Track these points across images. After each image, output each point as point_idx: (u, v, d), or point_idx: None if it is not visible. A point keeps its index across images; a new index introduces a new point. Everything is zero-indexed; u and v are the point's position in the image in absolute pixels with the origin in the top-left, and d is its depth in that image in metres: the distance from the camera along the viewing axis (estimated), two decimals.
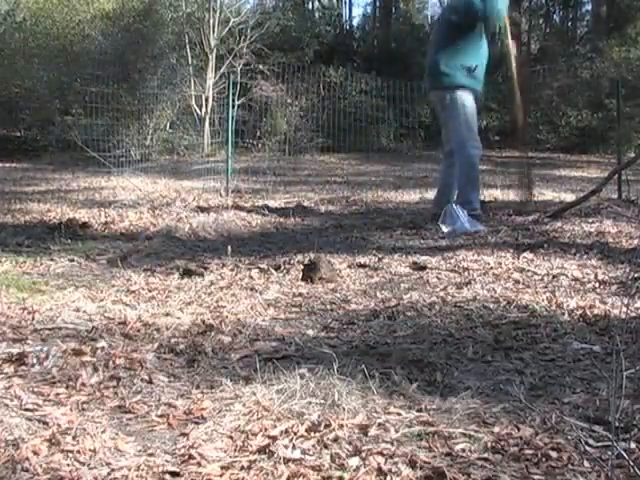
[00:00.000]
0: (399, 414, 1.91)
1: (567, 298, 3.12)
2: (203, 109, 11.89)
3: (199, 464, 1.65)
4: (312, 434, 1.78)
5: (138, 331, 2.64)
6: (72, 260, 3.96)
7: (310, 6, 20.41)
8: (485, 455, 1.69)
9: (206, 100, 11.96)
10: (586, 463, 1.66)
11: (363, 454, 1.68)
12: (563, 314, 2.89)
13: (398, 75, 11.06)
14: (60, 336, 2.57)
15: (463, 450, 1.72)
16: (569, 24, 19.21)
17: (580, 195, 5.80)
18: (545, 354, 2.44)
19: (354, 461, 1.65)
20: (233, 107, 7.54)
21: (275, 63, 12.05)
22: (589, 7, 18.18)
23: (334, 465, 1.64)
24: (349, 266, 3.82)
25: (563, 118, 13.85)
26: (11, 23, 12.50)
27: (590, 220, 4.98)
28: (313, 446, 1.73)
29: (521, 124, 5.87)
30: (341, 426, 1.82)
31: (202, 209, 5.70)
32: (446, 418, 1.88)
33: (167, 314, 2.89)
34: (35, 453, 1.69)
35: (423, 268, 3.75)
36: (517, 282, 3.44)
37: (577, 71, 14.03)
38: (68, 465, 1.65)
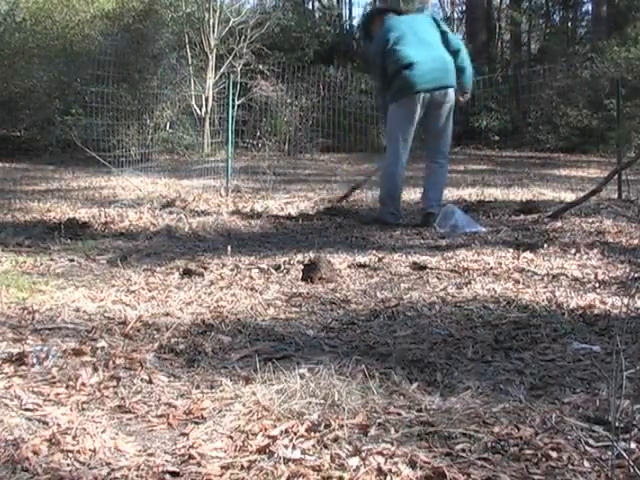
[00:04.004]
0: (399, 414, 1.91)
1: (567, 298, 3.12)
2: (203, 109, 11.88)
3: (199, 464, 1.66)
4: (312, 434, 1.78)
5: (138, 331, 2.64)
6: (72, 260, 3.96)
7: (310, 6, 20.35)
8: (485, 455, 1.69)
9: (206, 100, 11.96)
10: (586, 463, 1.66)
11: (363, 454, 1.68)
12: (563, 314, 2.89)
13: None
14: (60, 336, 2.57)
15: (463, 450, 1.72)
16: (569, 24, 19.17)
17: (580, 195, 5.80)
18: (545, 354, 2.44)
19: (354, 461, 1.65)
20: (233, 107, 7.53)
21: (275, 63, 12.04)
22: (589, 7, 18.17)
23: (334, 465, 1.64)
24: (349, 266, 3.82)
25: (563, 118, 13.83)
26: (11, 23, 12.47)
27: (590, 220, 4.98)
28: (313, 446, 1.73)
29: None
30: (341, 426, 1.82)
31: (202, 209, 5.71)
32: (446, 418, 1.88)
33: (167, 314, 2.89)
34: (35, 453, 1.69)
35: (423, 268, 3.75)
36: (517, 282, 3.44)
37: (577, 71, 14.00)
38: (68, 465, 1.65)
